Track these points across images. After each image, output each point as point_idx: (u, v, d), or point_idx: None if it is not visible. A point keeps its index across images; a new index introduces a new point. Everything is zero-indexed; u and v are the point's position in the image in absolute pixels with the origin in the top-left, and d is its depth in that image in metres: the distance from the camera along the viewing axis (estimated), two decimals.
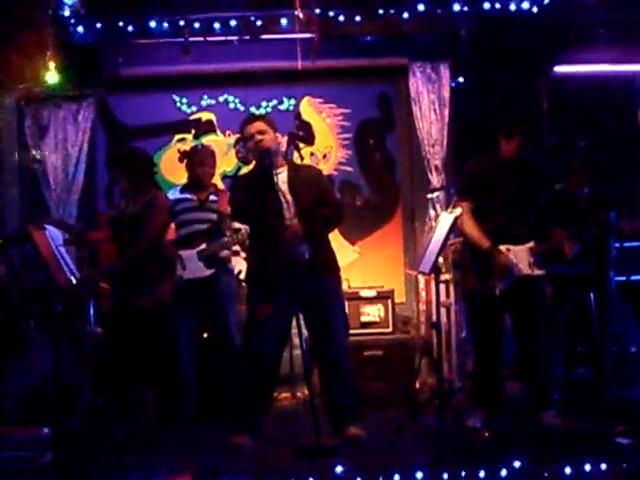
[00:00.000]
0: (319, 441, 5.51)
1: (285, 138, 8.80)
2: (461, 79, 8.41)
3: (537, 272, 6.19)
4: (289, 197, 5.94)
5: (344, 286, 7.90)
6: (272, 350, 5.98)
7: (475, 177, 6.38)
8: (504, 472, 5.11)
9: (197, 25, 7.80)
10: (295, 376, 7.81)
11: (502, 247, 6.13)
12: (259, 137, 5.99)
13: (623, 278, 6.87)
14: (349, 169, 9.02)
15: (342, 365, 6.02)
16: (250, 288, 6.16)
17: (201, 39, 7.88)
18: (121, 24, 7.75)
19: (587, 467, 5.14)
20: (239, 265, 7.39)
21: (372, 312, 7.79)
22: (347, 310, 7.58)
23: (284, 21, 7.85)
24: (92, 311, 6.81)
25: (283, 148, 6.21)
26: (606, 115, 8.50)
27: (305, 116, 9.02)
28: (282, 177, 6.00)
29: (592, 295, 7.15)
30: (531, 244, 6.17)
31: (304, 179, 6.06)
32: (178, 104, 8.98)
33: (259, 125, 6.07)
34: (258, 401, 5.99)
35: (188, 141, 8.85)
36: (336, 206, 6.25)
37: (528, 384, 6.45)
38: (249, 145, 6.10)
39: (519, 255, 6.14)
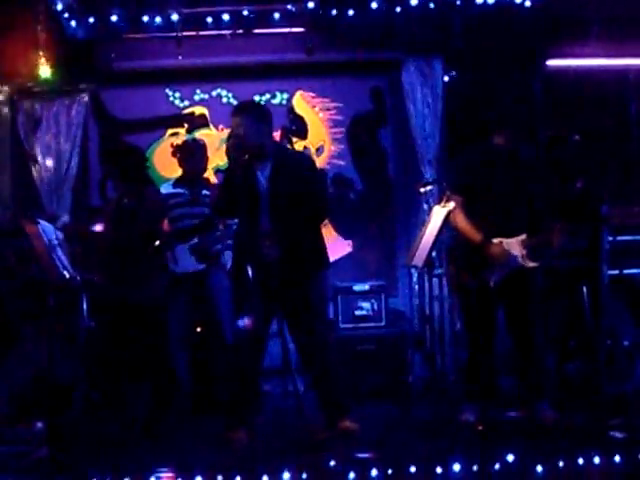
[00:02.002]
0: (310, 435, 5.54)
1: (278, 132, 8.81)
2: (454, 73, 8.41)
3: (530, 264, 6.20)
4: (268, 192, 5.88)
5: (337, 281, 7.97)
6: (252, 346, 5.96)
7: (467, 171, 6.38)
8: (497, 466, 5.13)
9: (190, 19, 7.80)
10: (288, 370, 7.82)
11: (495, 240, 6.15)
12: (236, 132, 5.92)
13: (616, 272, 6.88)
14: (342, 163, 9.02)
15: (325, 362, 6.05)
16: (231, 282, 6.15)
17: (194, 33, 7.88)
18: (114, 19, 7.74)
19: (580, 461, 5.16)
20: (231, 259, 7.37)
21: (365, 306, 7.79)
22: (340, 304, 7.65)
23: (277, 15, 7.85)
24: (85, 306, 6.80)
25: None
26: (600, 109, 8.51)
27: (298, 110, 9.01)
28: (265, 172, 5.92)
29: (585, 289, 7.16)
30: (523, 236, 6.18)
31: (289, 170, 5.93)
32: (171, 98, 8.98)
33: (236, 120, 5.94)
34: (247, 395, 6.00)
35: (181, 135, 8.84)
36: (321, 200, 6.12)
37: (522, 377, 6.46)
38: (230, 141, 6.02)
39: (512, 248, 6.14)
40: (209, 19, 7.84)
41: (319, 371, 6.05)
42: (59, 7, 7.65)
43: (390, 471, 5.10)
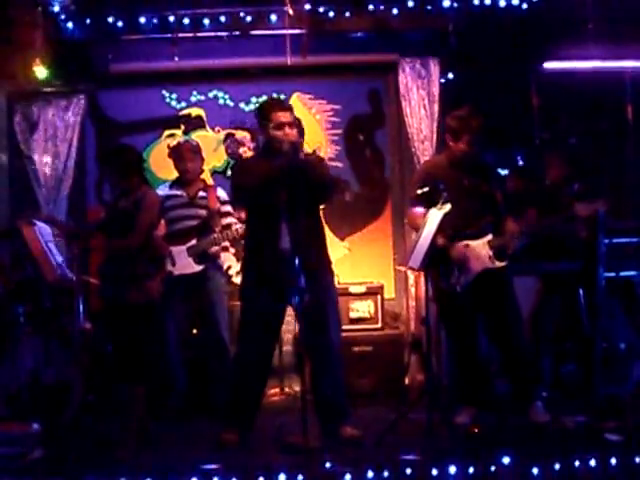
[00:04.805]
0: (306, 442, 5.52)
1: None
2: (451, 75, 8.40)
3: (498, 264, 6.24)
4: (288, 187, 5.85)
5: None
6: (266, 347, 5.98)
7: (427, 177, 6.41)
8: (493, 468, 5.13)
9: (187, 21, 7.78)
10: (284, 371, 7.82)
11: (461, 243, 6.19)
12: (289, 130, 5.96)
13: (612, 274, 6.88)
14: (339, 165, 8.99)
15: (334, 363, 5.99)
16: (246, 282, 6.10)
17: (190, 35, 7.87)
18: (111, 20, 7.73)
19: (576, 463, 5.17)
20: (228, 261, 7.37)
21: (361, 308, 7.79)
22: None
23: (274, 17, 7.83)
24: (82, 307, 6.80)
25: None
26: (596, 111, 8.51)
27: (295, 112, 8.99)
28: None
29: (581, 291, 7.17)
30: (489, 237, 6.22)
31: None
32: (167, 100, 8.96)
33: (291, 116, 6.06)
34: (251, 399, 5.99)
35: (177, 137, 8.82)
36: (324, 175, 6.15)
37: (511, 378, 6.46)
38: (276, 133, 5.99)
39: (478, 250, 6.21)
40: (206, 20, 7.83)
41: (325, 372, 5.98)
42: (55, 8, 7.64)
43: (386, 473, 5.10)
